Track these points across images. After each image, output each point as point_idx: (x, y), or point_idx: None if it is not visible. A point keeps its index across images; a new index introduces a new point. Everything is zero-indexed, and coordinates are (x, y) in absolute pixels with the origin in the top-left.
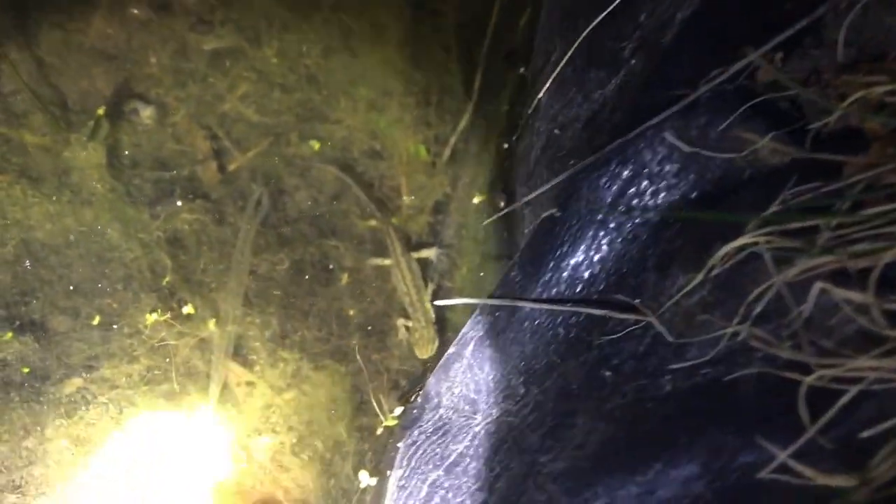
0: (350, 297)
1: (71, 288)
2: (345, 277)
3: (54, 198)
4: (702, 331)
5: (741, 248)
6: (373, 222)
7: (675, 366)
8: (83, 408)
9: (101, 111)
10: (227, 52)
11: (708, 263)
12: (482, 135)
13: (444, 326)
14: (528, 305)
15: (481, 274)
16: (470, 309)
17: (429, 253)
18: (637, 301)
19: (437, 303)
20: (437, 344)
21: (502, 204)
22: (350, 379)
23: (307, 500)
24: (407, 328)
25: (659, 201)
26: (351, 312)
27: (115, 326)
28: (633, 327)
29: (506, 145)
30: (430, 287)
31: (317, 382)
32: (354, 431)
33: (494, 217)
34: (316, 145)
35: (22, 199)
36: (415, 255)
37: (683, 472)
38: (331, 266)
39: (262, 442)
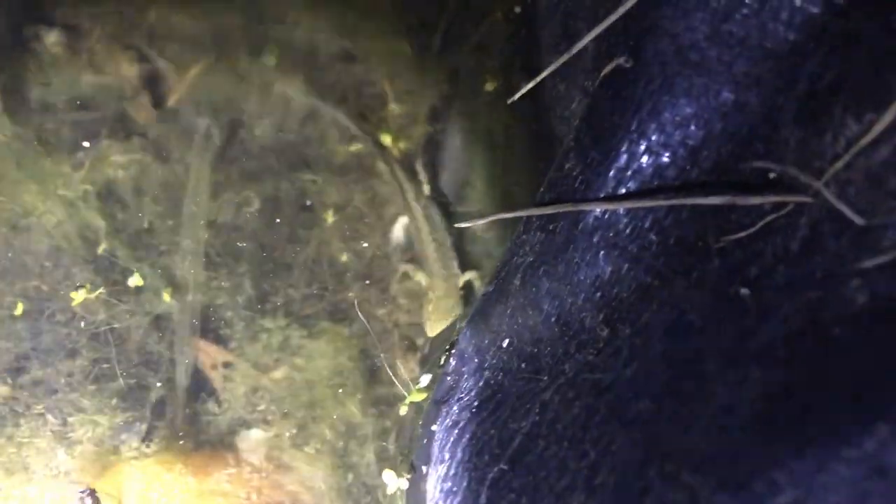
0: (340, 240)
1: None
2: (329, 216)
3: None
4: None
5: None
6: (357, 146)
7: (867, 264)
8: (12, 424)
9: None
10: None
11: None
12: (482, 3)
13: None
14: (598, 207)
15: (505, 189)
16: (499, 237)
17: None
18: (774, 175)
19: (460, 224)
20: (455, 316)
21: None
22: (356, 342)
23: None
24: (408, 274)
25: (792, 15)
26: (344, 258)
27: (44, 315)
28: (775, 215)
29: (518, 8)
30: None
31: (313, 352)
32: (370, 407)
33: (525, 88)
34: (273, 57)
35: None
36: (428, 191)
37: None
38: (310, 204)
39: (251, 437)
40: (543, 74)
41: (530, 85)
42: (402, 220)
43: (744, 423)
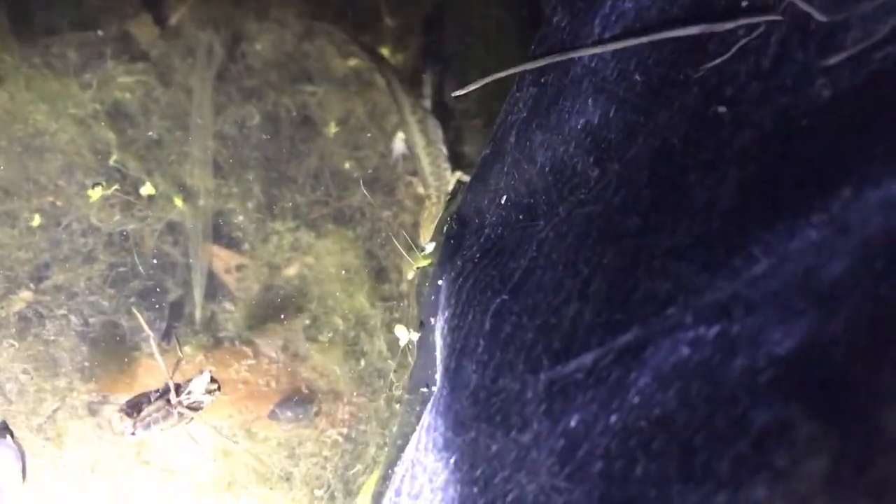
0: (343, 148)
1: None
2: (332, 127)
3: None
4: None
5: None
6: (355, 60)
7: (830, 61)
8: (38, 325)
9: None
10: None
11: None
12: None
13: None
14: (586, 53)
15: (502, 84)
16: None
17: None
18: (746, 3)
19: (457, 93)
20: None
21: None
22: (361, 244)
23: (336, 389)
24: (411, 182)
25: None
26: (347, 166)
27: (61, 225)
28: (747, 38)
29: None
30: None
31: (322, 251)
32: (378, 301)
33: None
34: None
35: None
36: (426, 101)
37: (890, 189)
38: (311, 116)
39: (268, 331)
40: None
41: None
42: (401, 133)
43: (722, 215)
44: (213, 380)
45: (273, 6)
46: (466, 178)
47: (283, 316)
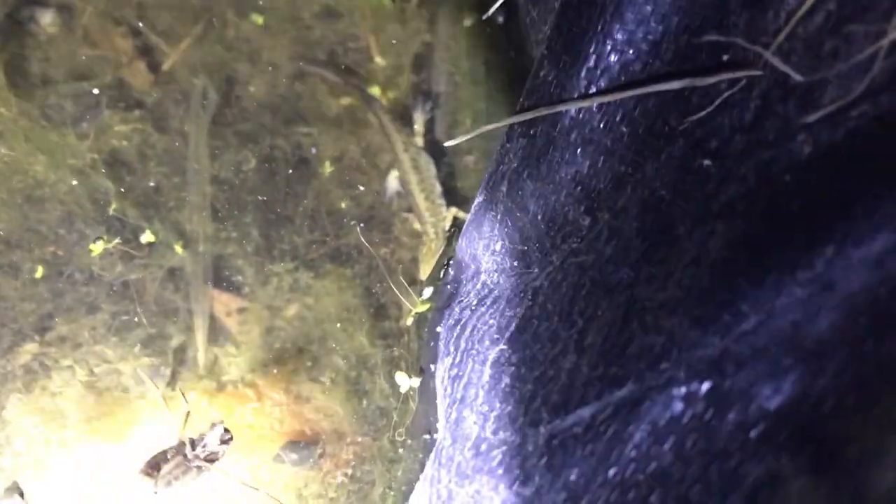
0: (338, 188)
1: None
2: (327, 166)
3: None
4: (839, 60)
5: None
6: (347, 99)
7: (809, 118)
8: (44, 377)
9: None
10: None
11: None
12: None
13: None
14: (573, 106)
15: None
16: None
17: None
18: (726, 57)
19: (448, 143)
20: (440, 256)
21: (501, 19)
22: (359, 282)
23: (339, 429)
24: (407, 219)
25: None
26: (343, 205)
27: (64, 275)
28: (729, 92)
29: None
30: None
31: (321, 292)
32: (378, 339)
33: (491, 10)
34: (259, 19)
35: None
36: (418, 138)
37: (873, 247)
38: (307, 157)
39: (270, 374)
40: None
41: (499, 3)
42: (395, 171)
43: (711, 270)
44: (226, 430)
45: (264, 49)
46: (462, 215)
47: (285, 357)
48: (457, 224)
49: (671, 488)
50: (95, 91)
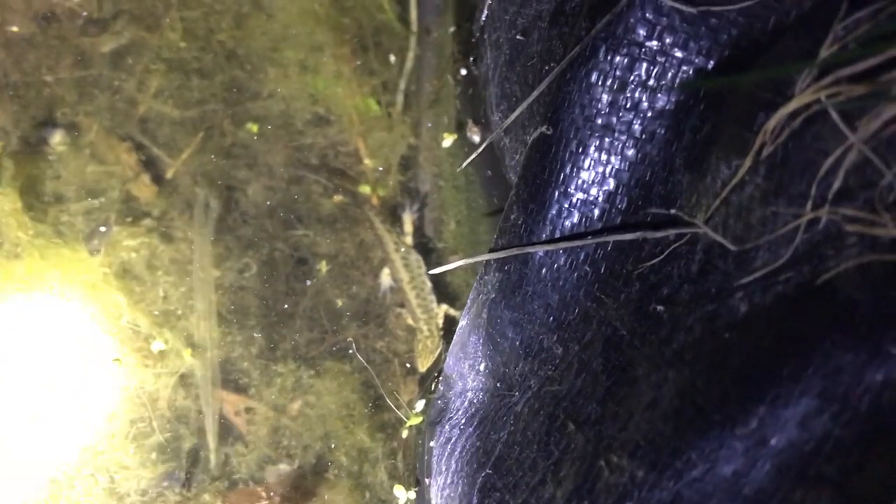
0: (334, 286)
1: None
2: (324, 266)
3: None
4: (766, 229)
5: (794, 115)
6: (339, 198)
7: (744, 280)
8: (68, 487)
9: None
10: (129, 48)
11: (755, 144)
12: (434, 67)
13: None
14: (539, 250)
15: (473, 227)
16: (473, 269)
17: None
18: (673, 211)
19: (433, 271)
20: (439, 352)
21: (477, 139)
22: (357, 376)
23: None
24: (400, 314)
25: (672, 85)
26: (340, 303)
27: (80, 388)
28: (677, 244)
29: (464, 71)
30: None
31: (322, 390)
32: (377, 433)
33: (471, 157)
34: (254, 128)
35: None
36: (408, 237)
37: (798, 409)
38: (304, 257)
39: (279, 471)
40: (481, 148)
41: (472, 157)
42: (387, 269)
43: (665, 416)
44: None
45: (260, 154)
46: (452, 312)
47: (291, 454)
48: (448, 321)
49: None
50: (104, 207)
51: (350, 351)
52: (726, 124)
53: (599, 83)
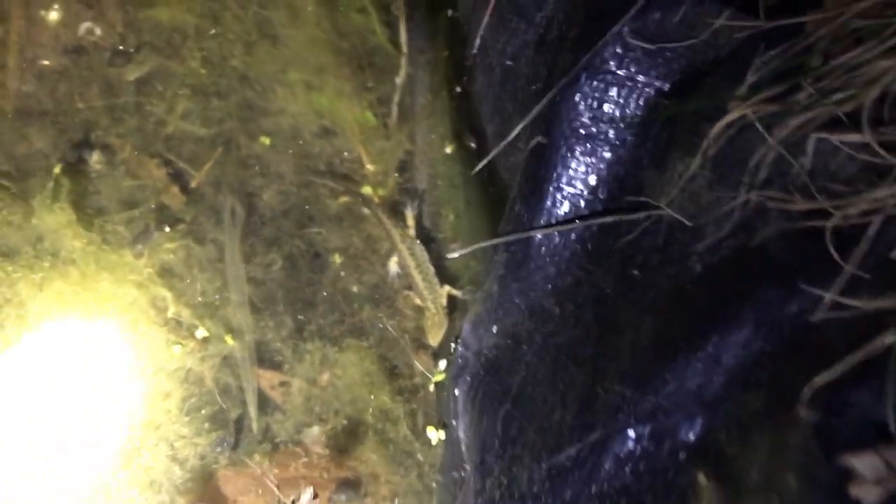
0: (348, 275)
1: None
2: (337, 258)
3: (36, 267)
4: (713, 209)
5: (730, 125)
6: (345, 199)
7: (698, 247)
8: (136, 455)
9: (57, 169)
10: (153, 76)
11: (702, 146)
12: (427, 84)
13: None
14: (539, 233)
15: (472, 218)
16: (471, 254)
17: None
18: (643, 198)
19: (452, 255)
20: (447, 328)
21: (473, 145)
22: (374, 351)
23: (374, 472)
24: (409, 296)
25: (638, 103)
26: (354, 289)
27: (138, 372)
28: (646, 223)
29: (458, 89)
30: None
31: (346, 363)
32: (397, 396)
33: (484, 161)
34: (266, 140)
35: (5, 278)
36: (410, 229)
37: (740, 335)
38: (319, 252)
39: (313, 433)
40: (489, 156)
41: (483, 162)
42: (394, 257)
43: (643, 349)
44: (315, 494)
45: (272, 164)
46: (455, 292)
47: (324, 418)
48: (452, 300)
49: (633, 497)
50: (143, 216)
51: (366, 329)
52: (680, 133)
53: (582, 103)
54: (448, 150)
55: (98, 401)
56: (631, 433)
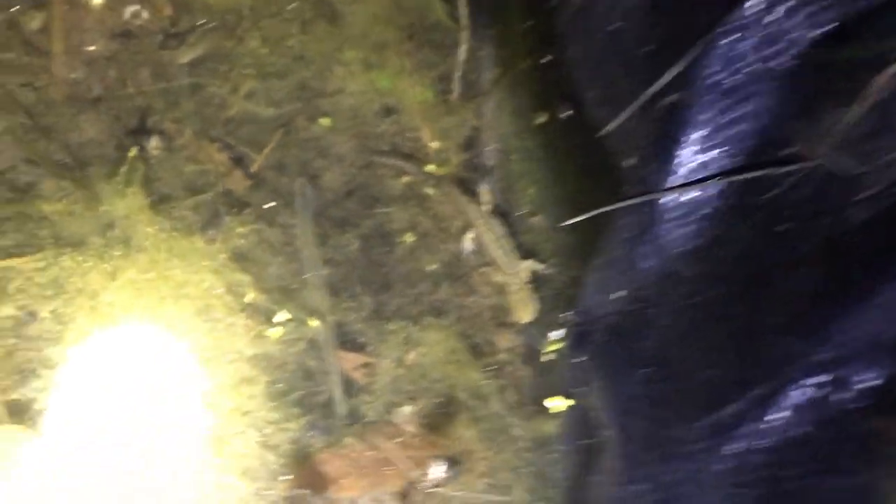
0: (421, 254)
1: None
2: (408, 237)
3: (106, 256)
4: (872, 159)
5: None
6: (408, 178)
7: (858, 197)
8: (226, 443)
9: (132, 152)
10: (207, 58)
11: (865, 95)
12: (494, 59)
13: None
14: (675, 193)
15: (557, 188)
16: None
17: None
18: (792, 150)
19: (565, 223)
20: (536, 304)
21: (569, 113)
22: (455, 328)
23: (468, 449)
24: (486, 274)
25: (786, 54)
26: (428, 267)
27: (221, 359)
28: (797, 176)
29: (544, 59)
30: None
31: (429, 341)
32: (483, 372)
33: (612, 125)
34: (326, 121)
35: (76, 268)
36: (485, 205)
37: None
38: (389, 231)
39: (404, 412)
40: (621, 118)
41: (614, 124)
42: (469, 234)
43: (803, 301)
44: (448, 463)
45: (332, 145)
46: (536, 266)
47: (413, 397)
48: (534, 274)
49: (807, 445)
50: (212, 200)
51: (445, 308)
52: (834, 82)
53: (720, 58)
54: (539, 120)
55: (179, 391)
56: (811, 382)
